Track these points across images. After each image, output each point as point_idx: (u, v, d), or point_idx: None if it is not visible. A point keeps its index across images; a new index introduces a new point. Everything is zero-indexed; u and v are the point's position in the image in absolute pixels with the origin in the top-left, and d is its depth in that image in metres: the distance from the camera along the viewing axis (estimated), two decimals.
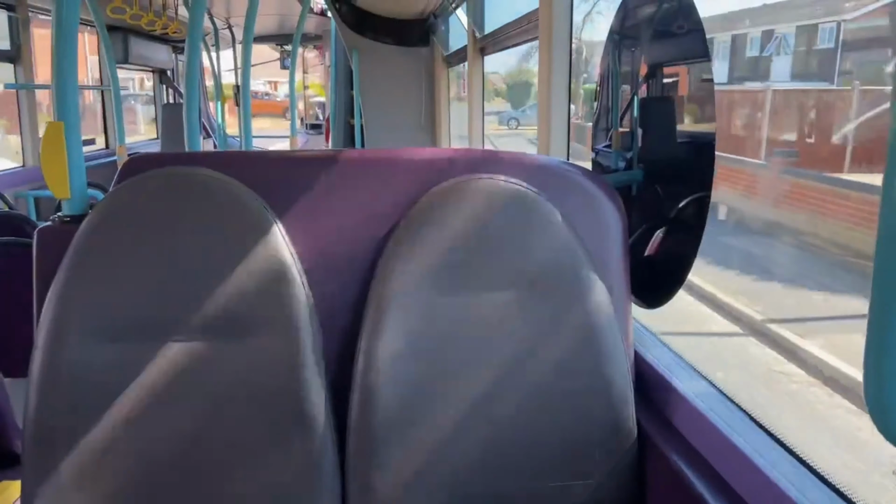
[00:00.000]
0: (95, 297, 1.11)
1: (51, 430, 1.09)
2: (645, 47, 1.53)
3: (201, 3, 2.42)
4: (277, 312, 1.13)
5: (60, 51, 1.26)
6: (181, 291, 1.13)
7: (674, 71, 1.45)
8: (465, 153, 1.28)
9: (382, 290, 1.16)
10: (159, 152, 1.52)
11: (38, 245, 1.19)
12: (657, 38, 1.48)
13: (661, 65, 1.47)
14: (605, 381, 1.16)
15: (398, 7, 4.10)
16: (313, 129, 10.05)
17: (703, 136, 1.33)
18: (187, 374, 1.12)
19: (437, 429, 1.15)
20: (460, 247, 1.17)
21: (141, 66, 7.39)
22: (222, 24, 7.23)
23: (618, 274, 1.24)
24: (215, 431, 1.12)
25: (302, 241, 1.20)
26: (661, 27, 1.46)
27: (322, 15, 6.55)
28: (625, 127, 1.59)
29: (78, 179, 1.27)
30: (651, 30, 1.51)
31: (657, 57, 1.48)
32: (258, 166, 1.22)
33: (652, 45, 1.49)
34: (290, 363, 1.12)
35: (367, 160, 1.25)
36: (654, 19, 1.49)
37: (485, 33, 3.16)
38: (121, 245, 1.13)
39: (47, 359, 1.09)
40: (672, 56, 1.44)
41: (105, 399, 1.10)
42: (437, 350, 1.15)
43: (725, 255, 5.24)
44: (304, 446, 1.12)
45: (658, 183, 1.46)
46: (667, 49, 1.45)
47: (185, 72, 2.56)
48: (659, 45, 1.47)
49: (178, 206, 1.15)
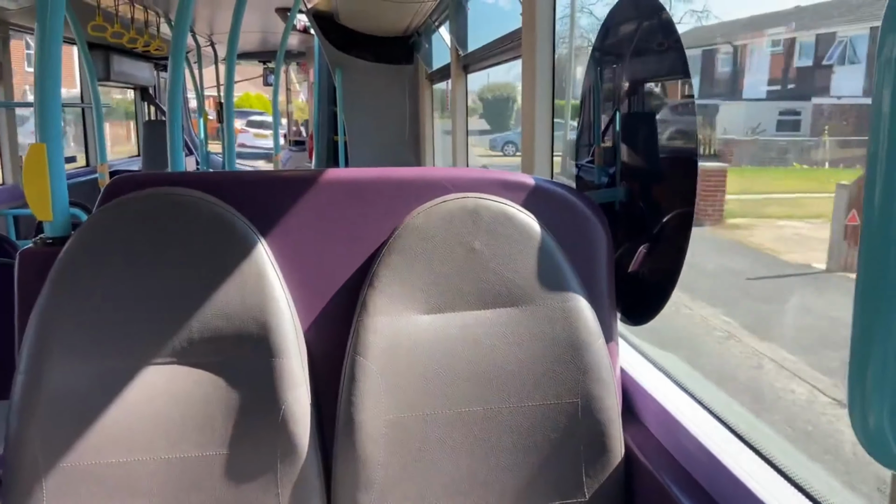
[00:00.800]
0: (78, 320, 1.09)
1: (33, 454, 1.06)
2: (626, 64, 1.54)
3: (185, 22, 2.42)
4: (262, 334, 1.12)
5: (43, 71, 1.25)
6: (166, 314, 1.11)
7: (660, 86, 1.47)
8: (451, 172, 1.28)
9: (368, 310, 1.15)
10: (143, 172, 1.49)
11: (20, 267, 1.17)
12: (638, 55, 1.49)
13: (643, 81, 1.48)
14: (591, 398, 1.16)
15: (381, 25, 4.13)
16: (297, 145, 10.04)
17: (685, 150, 1.34)
18: (171, 396, 1.10)
19: (423, 449, 1.13)
20: (446, 266, 1.17)
21: (123, 84, 7.35)
22: (205, 41, 7.23)
23: (604, 291, 1.24)
24: (199, 454, 1.10)
25: (288, 262, 1.19)
26: (642, 45, 1.48)
27: (305, 32, 6.56)
28: (607, 143, 1.60)
29: (60, 201, 1.25)
30: (632, 47, 1.52)
31: (638, 73, 1.49)
32: (243, 187, 1.22)
33: (633, 62, 1.51)
34: (275, 385, 1.11)
35: (353, 180, 1.24)
36: (635, 37, 1.51)
37: (468, 51, 3.18)
38: (104, 267, 1.11)
39: (30, 382, 1.07)
40: (653, 73, 1.46)
41: (88, 422, 1.08)
42: (423, 369, 1.14)
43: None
44: (289, 468, 1.10)
45: (641, 199, 1.47)
46: (648, 66, 1.46)
47: (168, 89, 2.55)
48: (640, 62, 1.49)
49: (162, 229, 1.13)
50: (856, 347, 0.59)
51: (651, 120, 1.46)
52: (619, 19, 1.54)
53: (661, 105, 1.47)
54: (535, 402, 1.15)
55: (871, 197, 0.57)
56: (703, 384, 1.25)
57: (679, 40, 1.32)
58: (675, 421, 1.15)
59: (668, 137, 1.43)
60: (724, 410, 1.17)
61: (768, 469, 1.00)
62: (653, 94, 1.48)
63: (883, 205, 0.56)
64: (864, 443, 0.61)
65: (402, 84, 4.49)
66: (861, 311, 0.59)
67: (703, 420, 1.14)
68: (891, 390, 0.59)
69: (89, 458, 1.07)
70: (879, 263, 0.57)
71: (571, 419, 1.16)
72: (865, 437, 0.61)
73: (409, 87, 4.51)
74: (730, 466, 1.00)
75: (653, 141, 1.44)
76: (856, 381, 0.60)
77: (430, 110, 4.47)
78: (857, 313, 0.59)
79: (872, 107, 0.56)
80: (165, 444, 1.09)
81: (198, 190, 1.17)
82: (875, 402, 0.59)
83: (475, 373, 1.16)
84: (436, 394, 1.14)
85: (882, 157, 0.56)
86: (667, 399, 1.21)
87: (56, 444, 1.07)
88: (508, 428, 1.15)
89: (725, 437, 1.09)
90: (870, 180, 0.57)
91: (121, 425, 1.08)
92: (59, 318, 1.09)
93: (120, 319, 1.10)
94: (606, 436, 1.16)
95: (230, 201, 1.18)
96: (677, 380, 1.29)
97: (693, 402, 1.21)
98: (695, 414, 1.16)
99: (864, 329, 0.59)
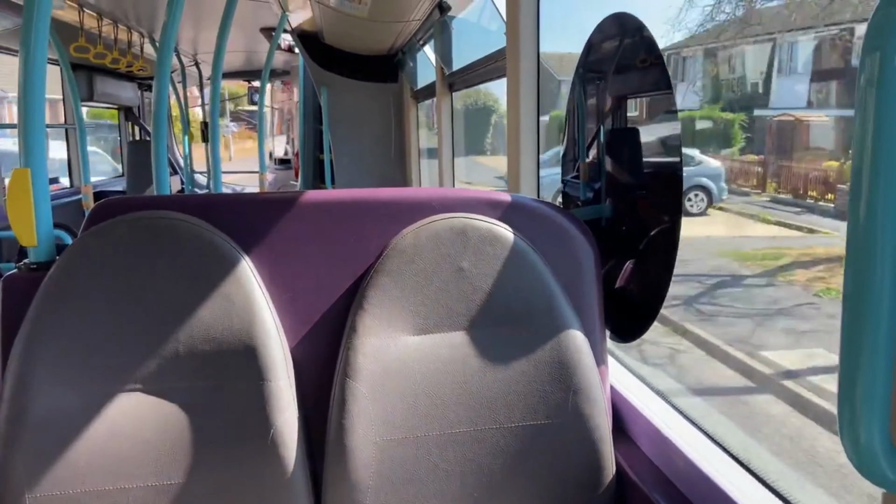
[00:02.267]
0: (63, 346, 1.07)
1: (17, 482, 1.04)
2: (610, 81, 1.55)
3: (170, 42, 2.41)
4: (250, 357, 1.10)
5: (28, 94, 1.23)
6: (152, 339, 1.10)
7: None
8: (437, 192, 1.28)
9: (357, 332, 1.14)
10: (128, 196, 1.47)
11: (4, 293, 1.15)
12: (621, 71, 1.50)
13: (626, 97, 1.49)
14: (581, 417, 1.15)
15: (366, 44, 4.14)
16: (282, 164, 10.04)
17: (670, 165, 1.35)
18: (158, 422, 1.08)
19: (413, 472, 1.12)
20: (435, 286, 1.17)
21: (106, 104, 7.32)
22: (189, 61, 7.22)
23: (592, 309, 1.24)
24: (190, 482, 1.08)
25: (275, 284, 1.18)
26: (625, 61, 1.49)
27: (290, 51, 6.58)
28: (591, 158, 1.61)
29: (45, 227, 1.24)
30: (615, 64, 1.54)
31: (622, 89, 1.50)
32: (229, 209, 1.21)
33: (616, 78, 1.52)
34: (264, 408, 1.09)
35: (340, 201, 1.24)
36: (618, 54, 1.52)
37: (453, 69, 3.20)
38: (89, 293, 1.10)
39: (13, 409, 1.05)
40: (636, 88, 1.47)
41: (74, 450, 1.06)
42: (412, 390, 1.13)
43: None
44: (279, 493, 1.09)
45: (627, 214, 1.47)
46: (631, 81, 1.48)
47: (152, 110, 2.54)
48: (623, 78, 1.50)
49: (149, 253, 1.12)
50: (845, 365, 0.59)
51: (635, 135, 1.46)
52: (602, 37, 1.56)
53: (644, 120, 1.48)
54: (525, 423, 1.15)
55: (856, 214, 0.57)
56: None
57: (660, 56, 1.33)
58: (667, 440, 1.14)
59: (653, 152, 1.44)
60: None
61: (761, 488, 1.00)
62: (636, 109, 1.49)
63: (868, 222, 0.56)
64: (855, 461, 0.61)
65: (386, 102, 4.51)
66: (849, 329, 0.59)
67: (695, 439, 1.13)
68: (880, 408, 0.59)
69: (75, 486, 1.05)
70: (866, 280, 0.57)
71: (562, 439, 1.15)
72: (856, 456, 0.60)
73: (394, 105, 4.52)
74: (722, 485, 0.99)
75: (637, 156, 1.45)
76: (845, 399, 0.60)
77: (416, 128, 4.48)
78: (845, 330, 0.59)
79: (856, 123, 0.57)
80: (152, 471, 1.07)
81: (184, 213, 1.16)
82: (865, 420, 0.59)
83: (464, 394, 1.15)
84: (425, 416, 1.13)
85: (866, 172, 0.56)
86: (658, 418, 1.20)
87: (41, 473, 1.04)
88: (498, 449, 1.14)
89: (718, 456, 1.08)
90: (854, 196, 0.57)
91: (107, 452, 1.06)
92: (43, 345, 1.07)
93: (105, 345, 1.09)
94: (597, 455, 1.15)
95: (217, 224, 1.17)
96: (668, 398, 1.29)
97: (685, 420, 1.20)
98: (686, 432, 1.16)
99: (853, 346, 0.59)
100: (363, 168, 4.55)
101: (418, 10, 3.14)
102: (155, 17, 5.14)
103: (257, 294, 1.14)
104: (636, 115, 1.49)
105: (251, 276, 1.14)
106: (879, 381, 0.58)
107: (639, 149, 1.45)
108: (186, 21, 5.01)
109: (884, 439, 0.59)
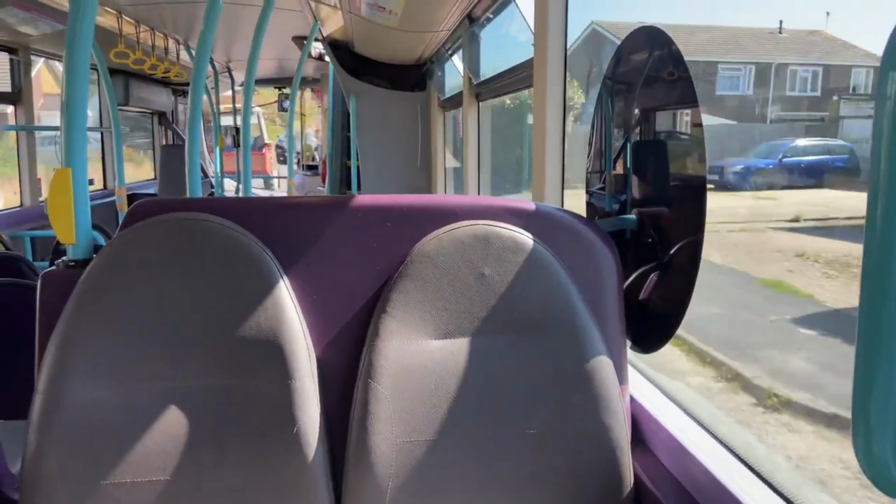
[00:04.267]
0: (98, 342, 1.11)
1: (50, 473, 1.08)
2: (637, 93, 1.56)
3: (205, 51, 2.47)
4: (277, 356, 1.13)
5: (70, 97, 1.28)
6: (182, 336, 1.13)
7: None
8: (461, 200, 1.29)
9: (380, 335, 1.16)
10: (163, 198, 1.52)
11: (43, 289, 1.19)
12: (648, 84, 1.51)
13: (654, 110, 1.50)
14: (600, 427, 1.15)
15: (395, 53, 4.19)
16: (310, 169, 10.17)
17: (695, 179, 1.35)
18: (187, 419, 1.11)
19: (432, 475, 1.13)
20: (457, 292, 1.18)
21: (141, 109, 7.48)
22: (222, 67, 7.36)
23: (613, 319, 1.24)
24: (215, 477, 1.11)
25: (302, 285, 1.20)
26: (653, 74, 1.50)
27: (320, 59, 6.66)
28: (618, 170, 1.62)
29: (83, 225, 1.28)
30: (643, 77, 1.54)
31: (649, 102, 1.51)
32: (260, 213, 1.24)
33: (643, 91, 1.53)
34: (289, 406, 1.12)
35: (368, 206, 1.26)
36: (646, 67, 1.53)
37: (480, 80, 3.22)
38: (124, 291, 1.13)
39: (48, 402, 1.09)
40: (663, 101, 1.48)
41: (105, 443, 1.09)
42: (433, 395, 1.15)
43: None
44: (301, 489, 1.11)
45: (652, 226, 1.48)
46: (658, 95, 1.48)
47: (187, 116, 2.60)
48: (650, 91, 1.50)
49: (182, 253, 1.16)
50: (860, 376, 0.60)
51: (662, 148, 1.47)
52: (630, 49, 1.57)
53: (670, 133, 1.49)
54: (544, 430, 1.15)
55: (873, 229, 0.57)
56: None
57: (687, 70, 1.34)
58: (685, 450, 1.14)
59: (679, 165, 1.44)
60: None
61: (779, 500, 0.99)
62: (663, 122, 1.49)
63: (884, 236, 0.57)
64: (868, 471, 0.61)
65: (414, 111, 4.54)
66: (865, 340, 0.59)
67: (714, 449, 1.13)
68: (894, 419, 0.59)
69: (106, 478, 1.08)
70: (882, 295, 0.58)
71: (580, 447, 1.15)
72: (869, 466, 0.61)
73: (421, 113, 4.55)
74: (740, 497, 0.99)
75: (664, 169, 1.45)
76: (860, 410, 0.60)
77: (443, 137, 4.51)
78: (860, 342, 0.60)
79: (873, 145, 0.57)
80: (179, 466, 1.10)
81: (216, 215, 1.19)
82: (879, 431, 0.59)
83: (484, 399, 1.16)
84: (444, 419, 1.15)
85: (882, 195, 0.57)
86: (677, 428, 1.20)
87: (73, 464, 1.08)
88: (517, 455, 1.15)
89: (736, 467, 1.08)
90: (871, 211, 0.58)
91: (136, 446, 1.09)
92: (79, 340, 1.11)
93: (137, 341, 1.12)
94: (616, 464, 1.15)
95: (247, 226, 1.20)
96: (687, 409, 1.29)
97: (703, 431, 1.20)
98: (705, 443, 1.16)
99: (868, 357, 0.59)
100: (389, 175, 4.58)
101: (448, 21, 3.17)
102: (191, 25, 5.25)
103: (284, 295, 1.16)
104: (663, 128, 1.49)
105: (279, 278, 1.17)
106: (894, 393, 0.58)
107: (666, 162, 1.45)
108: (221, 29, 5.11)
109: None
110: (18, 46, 4.73)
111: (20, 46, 4.74)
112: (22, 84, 4.82)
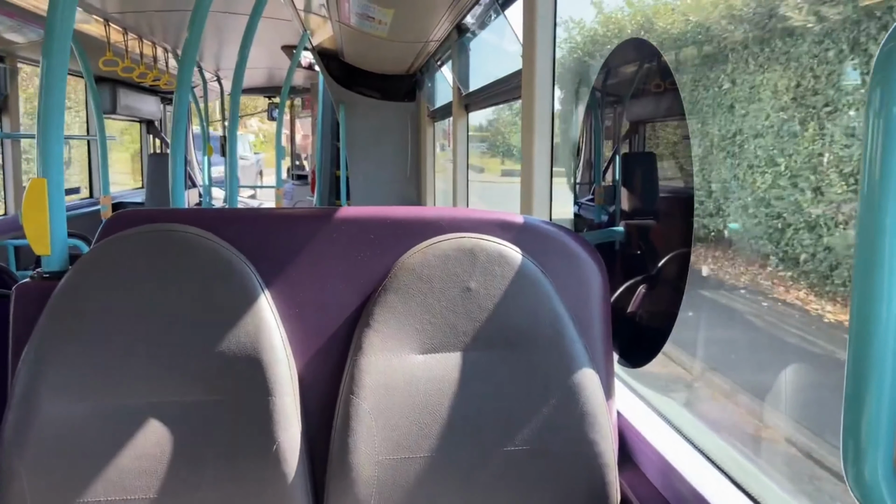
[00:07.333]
0: (72, 357, 1.08)
1: (20, 491, 1.05)
2: (626, 104, 1.56)
3: (191, 58, 2.45)
4: (256, 372, 1.11)
5: (47, 105, 1.25)
6: (160, 351, 1.10)
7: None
8: (447, 212, 1.28)
9: (363, 349, 1.14)
10: (143, 208, 1.49)
11: (16, 301, 1.16)
12: (637, 96, 1.51)
13: (642, 121, 1.50)
14: (587, 442, 1.14)
15: (385, 63, 4.19)
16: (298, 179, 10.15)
17: (683, 191, 1.35)
18: (163, 434, 1.09)
19: (415, 492, 1.11)
20: (442, 305, 1.17)
21: (129, 117, 7.44)
22: (211, 76, 7.34)
23: (599, 333, 1.23)
24: (192, 496, 1.08)
25: (283, 299, 1.18)
26: (641, 86, 1.50)
27: (310, 69, 6.67)
28: (607, 182, 1.61)
29: (59, 236, 1.25)
30: (631, 88, 1.54)
31: (637, 114, 1.51)
32: (241, 224, 1.22)
33: (632, 102, 1.53)
34: (268, 423, 1.09)
35: (352, 218, 1.25)
36: (635, 79, 1.53)
37: (470, 90, 3.22)
38: (100, 303, 1.11)
39: (20, 418, 1.06)
40: (651, 113, 1.47)
41: (78, 460, 1.06)
42: (416, 409, 1.13)
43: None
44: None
45: (639, 239, 1.47)
46: (646, 106, 1.48)
47: (172, 124, 2.57)
48: (639, 103, 1.50)
49: (159, 265, 1.13)
50: (850, 400, 0.59)
51: (651, 160, 1.47)
52: (618, 61, 1.57)
53: (659, 145, 1.48)
54: (530, 446, 1.14)
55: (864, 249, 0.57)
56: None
57: (675, 82, 1.33)
58: (673, 467, 1.13)
59: (667, 177, 1.44)
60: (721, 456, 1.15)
61: None
62: (652, 134, 1.49)
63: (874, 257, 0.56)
64: (858, 496, 0.60)
65: (404, 121, 4.55)
66: (855, 364, 0.59)
67: (701, 466, 1.12)
68: (885, 443, 0.58)
69: (78, 496, 1.05)
70: (872, 315, 0.57)
71: (567, 464, 1.13)
72: (859, 490, 0.60)
73: (411, 124, 4.56)
74: None
75: (653, 181, 1.45)
76: (850, 434, 0.59)
77: (432, 147, 4.51)
78: (850, 366, 0.59)
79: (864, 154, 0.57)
80: (155, 484, 1.07)
81: (197, 226, 1.17)
82: (869, 456, 0.58)
83: (469, 415, 1.14)
84: (428, 435, 1.13)
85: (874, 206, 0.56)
86: (664, 444, 1.19)
87: (45, 482, 1.05)
88: (501, 472, 1.13)
89: (724, 485, 1.06)
90: (861, 230, 0.57)
91: (112, 464, 1.07)
92: (52, 355, 1.08)
93: (113, 356, 1.09)
94: (602, 481, 1.14)
95: (228, 238, 1.18)
96: (676, 425, 1.27)
97: (691, 448, 1.19)
98: (692, 460, 1.14)
99: (858, 382, 0.58)
100: (379, 186, 4.58)
101: (437, 31, 3.18)
102: (179, 34, 5.24)
103: (265, 310, 1.14)
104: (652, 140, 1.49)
105: (260, 291, 1.15)
106: (884, 417, 0.58)
107: (655, 174, 1.45)
108: (210, 37, 5.10)
109: (887, 473, 0.59)
110: (5, 54, 4.69)
111: (7, 54, 4.70)
112: (8, 91, 4.78)
